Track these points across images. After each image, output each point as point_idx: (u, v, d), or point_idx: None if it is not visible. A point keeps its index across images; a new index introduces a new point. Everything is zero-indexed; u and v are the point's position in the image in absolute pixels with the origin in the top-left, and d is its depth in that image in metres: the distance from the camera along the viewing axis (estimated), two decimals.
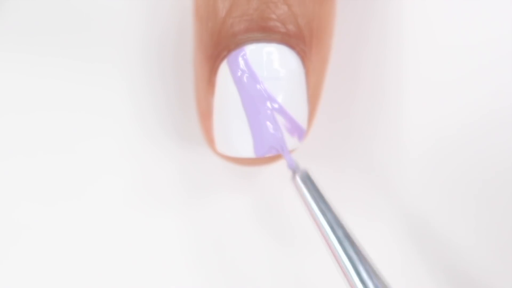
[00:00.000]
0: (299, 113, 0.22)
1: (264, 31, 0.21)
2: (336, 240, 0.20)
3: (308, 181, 0.21)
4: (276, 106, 0.21)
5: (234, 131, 0.22)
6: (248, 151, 0.22)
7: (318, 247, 0.25)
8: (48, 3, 0.25)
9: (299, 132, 0.22)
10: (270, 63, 0.21)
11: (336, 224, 0.20)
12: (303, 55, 0.22)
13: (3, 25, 0.25)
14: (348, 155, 0.25)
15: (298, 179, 0.21)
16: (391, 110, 0.25)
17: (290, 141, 0.22)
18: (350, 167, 0.25)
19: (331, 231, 0.20)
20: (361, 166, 0.25)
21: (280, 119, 0.21)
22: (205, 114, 0.22)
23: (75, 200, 0.25)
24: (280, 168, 0.24)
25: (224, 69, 0.21)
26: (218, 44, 0.22)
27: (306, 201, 0.21)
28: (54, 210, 0.25)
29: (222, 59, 0.21)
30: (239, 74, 0.21)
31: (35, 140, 0.25)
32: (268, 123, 0.21)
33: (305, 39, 0.22)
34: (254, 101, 0.21)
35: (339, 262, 0.20)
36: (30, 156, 0.25)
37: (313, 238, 0.25)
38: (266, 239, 0.25)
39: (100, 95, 0.25)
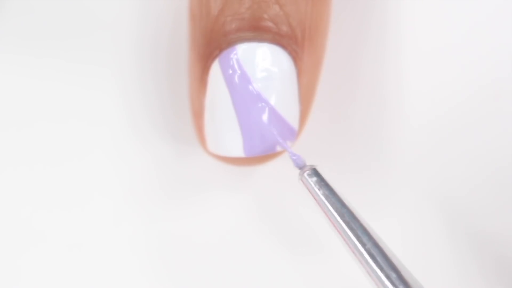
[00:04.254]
0: (290, 114, 0.22)
1: (256, 31, 0.21)
2: (353, 234, 0.20)
3: (318, 177, 0.21)
4: (266, 106, 0.21)
5: (224, 131, 0.22)
6: (238, 151, 0.22)
7: (314, 247, 0.25)
8: (38, 5, 0.25)
9: (290, 133, 0.22)
10: (262, 62, 0.21)
11: (351, 218, 0.20)
12: (295, 55, 0.21)
13: None
14: (348, 154, 0.25)
15: (306, 176, 0.21)
16: (391, 109, 0.25)
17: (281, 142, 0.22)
18: (350, 165, 0.25)
19: (347, 226, 0.20)
20: (361, 164, 0.25)
21: (271, 120, 0.21)
22: (198, 113, 0.22)
23: (71, 204, 0.25)
24: (274, 166, 0.24)
25: (215, 68, 0.21)
26: (210, 43, 0.22)
27: (317, 197, 0.20)
28: (50, 215, 0.25)
29: (214, 58, 0.21)
30: (230, 73, 0.21)
31: (31, 144, 0.25)
32: (258, 123, 0.21)
33: (297, 39, 0.22)
34: (244, 100, 0.21)
35: (357, 255, 0.20)
36: (25, 160, 0.25)
37: (309, 237, 0.25)
38: (262, 238, 0.25)
39: (93, 96, 0.25)
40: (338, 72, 0.25)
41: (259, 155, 0.22)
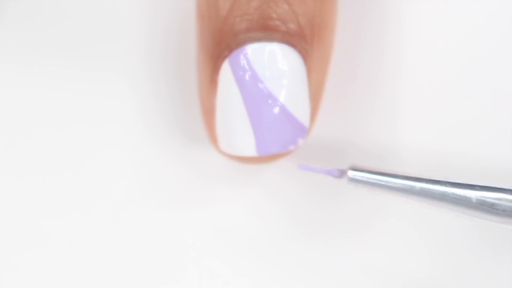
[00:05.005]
0: (301, 112, 0.22)
1: (265, 30, 0.21)
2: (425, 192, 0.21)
3: (360, 171, 0.22)
4: (277, 104, 0.21)
5: (236, 130, 0.22)
6: (250, 150, 0.22)
7: (325, 243, 0.25)
8: (47, 6, 0.25)
9: (301, 131, 0.22)
10: (272, 62, 0.21)
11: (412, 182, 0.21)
12: (305, 53, 0.22)
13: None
14: (355, 151, 0.25)
15: (351, 176, 0.22)
16: (391, 108, 0.25)
17: (293, 140, 0.22)
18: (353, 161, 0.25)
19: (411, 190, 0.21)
20: (364, 161, 0.25)
21: (282, 118, 0.21)
22: (208, 113, 0.22)
23: (81, 204, 0.25)
24: (285, 164, 0.24)
25: (226, 68, 0.21)
26: (219, 43, 0.22)
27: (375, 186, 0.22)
28: (59, 215, 0.25)
29: (224, 58, 0.22)
30: (240, 73, 0.21)
31: (39, 144, 0.25)
32: (270, 122, 0.21)
33: (306, 38, 0.22)
34: (255, 100, 0.21)
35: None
36: (38, 158, 0.25)
37: (318, 233, 0.25)
38: (273, 234, 0.25)
39: (104, 97, 0.25)
40: (344, 69, 0.25)
41: (271, 154, 0.22)
